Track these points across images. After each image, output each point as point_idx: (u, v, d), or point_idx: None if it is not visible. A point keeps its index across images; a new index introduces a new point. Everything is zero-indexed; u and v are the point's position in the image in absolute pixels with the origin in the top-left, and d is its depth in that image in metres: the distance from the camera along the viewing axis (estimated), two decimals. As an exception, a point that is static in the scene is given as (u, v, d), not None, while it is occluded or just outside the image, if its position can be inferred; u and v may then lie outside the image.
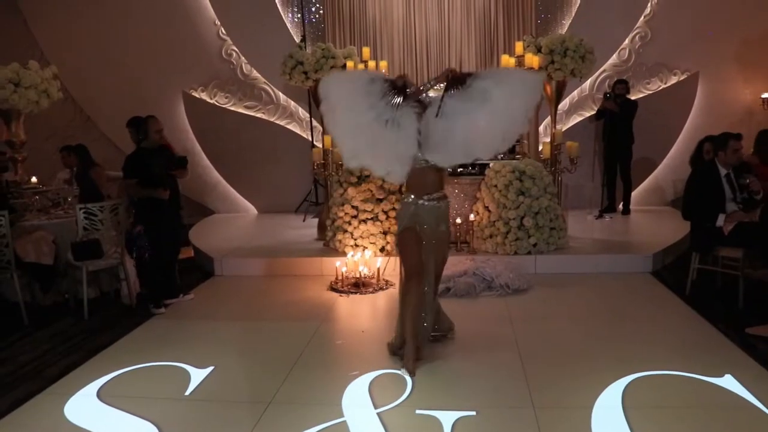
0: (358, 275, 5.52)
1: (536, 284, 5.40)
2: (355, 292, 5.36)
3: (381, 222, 6.08)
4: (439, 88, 3.71)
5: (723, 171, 4.82)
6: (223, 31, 8.88)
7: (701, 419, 3.07)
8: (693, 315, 4.60)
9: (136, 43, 8.72)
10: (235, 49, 8.91)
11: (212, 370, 3.80)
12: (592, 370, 3.63)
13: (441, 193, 3.75)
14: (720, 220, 4.70)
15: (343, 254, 5.95)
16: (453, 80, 3.58)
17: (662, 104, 8.31)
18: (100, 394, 3.53)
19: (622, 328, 4.37)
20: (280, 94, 8.99)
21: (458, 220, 6.13)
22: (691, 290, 5.04)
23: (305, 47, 7.74)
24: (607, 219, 7.76)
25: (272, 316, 4.92)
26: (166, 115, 7.69)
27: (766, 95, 8.22)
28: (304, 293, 5.46)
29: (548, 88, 6.98)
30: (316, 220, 7.35)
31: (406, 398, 3.36)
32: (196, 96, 9.01)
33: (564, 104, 8.48)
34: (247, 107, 9.02)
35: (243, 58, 8.93)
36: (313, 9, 8.90)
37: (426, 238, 3.69)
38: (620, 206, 8.12)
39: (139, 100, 8.12)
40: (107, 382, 3.69)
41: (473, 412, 3.17)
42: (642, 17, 8.42)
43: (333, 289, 5.47)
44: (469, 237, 6.24)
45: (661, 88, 8.51)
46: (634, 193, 8.28)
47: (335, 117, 3.60)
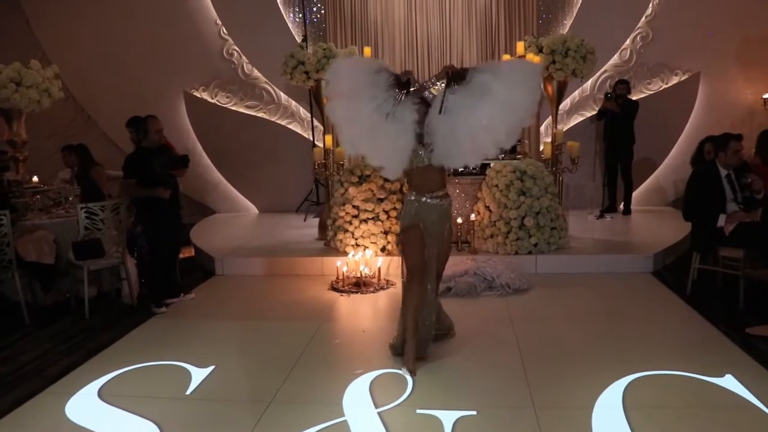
0: (359, 275, 5.52)
1: (537, 284, 5.40)
2: (356, 292, 5.36)
3: (382, 222, 6.09)
4: (440, 86, 3.71)
5: (723, 172, 4.82)
6: (225, 31, 8.89)
7: (702, 419, 3.07)
8: (693, 315, 4.60)
9: (138, 42, 8.73)
10: (237, 48, 8.92)
11: (213, 370, 3.80)
12: (592, 370, 3.63)
13: (443, 192, 3.77)
14: (721, 221, 4.70)
15: (344, 254, 5.95)
16: (453, 76, 3.57)
17: (663, 104, 8.31)
18: (101, 394, 3.53)
19: (623, 328, 4.37)
20: (281, 94, 8.99)
21: (459, 220, 6.13)
22: (692, 290, 5.04)
23: (306, 47, 7.74)
24: (608, 219, 7.76)
25: (273, 316, 4.92)
26: (167, 115, 7.70)
27: (768, 95, 8.24)
28: (304, 293, 5.46)
29: (549, 88, 6.98)
30: (317, 220, 7.35)
31: (407, 398, 3.36)
32: (198, 96, 9.02)
33: (565, 104, 8.48)
34: (248, 107, 9.03)
35: (244, 58, 8.94)
36: (315, 9, 8.90)
37: (428, 236, 3.70)
38: (621, 206, 8.12)
39: (140, 99, 8.13)
40: (108, 381, 3.69)
41: (474, 412, 3.17)
42: (643, 17, 8.42)
43: (334, 289, 5.48)
44: (470, 237, 6.24)
45: (662, 88, 8.51)
46: (634, 194, 8.28)
47: (339, 102, 3.64)
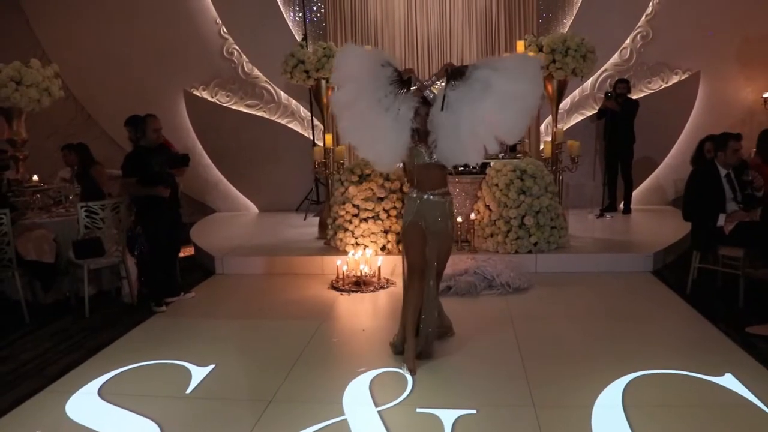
0: (358, 274, 5.52)
1: (537, 283, 5.41)
2: (356, 291, 5.36)
3: (382, 221, 6.08)
4: (440, 85, 3.73)
5: (723, 171, 4.82)
6: (225, 30, 8.88)
7: (701, 418, 3.07)
8: (693, 314, 4.60)
9: (138, 41, 8.73)
10: (237, 47, 8.92)
11: (213, 369, 3.80)
12: (592, 369, 3.63)
13: (444, 189, 3.78)
14: (721, 220, 4.70)
15: (344, 253, 5.95)
16: (452, 73, 3.59)
17: (663, 103, 8.30)
18: (102, 392, 3.53)
19: (623, 327, 4.37)
20: (282, 93, 8.99)
21: (459, 219, 6.13)
22: (692, 289, 5.04)
23: (306, 46, 7.73)
24: (608, 218, 7.76)
25: (273, 315, 4.92)
26: (167, 114, 7.70)
27: (768, 95, 8.24)
28: (305, 292, 5.46)
29: (549, 87, 6.98)
30: (317, 219, 7.36)
31: (407, 396, 3.36)
32: (198, 95, 9.02)
33: (565, 103, 8.48)
34: (248, 106, 9.03)
35: (244, 57, 8.94)
36: (315, 8, 8.90)
37: (430, 234, 3.71)
38: (621, 205, 8.12)
39: (141, 98, 8.13)
40: (108, 380, 3.70)
41: (474, 411, 3.17)
42: (643, 16, 8.42)
43: (334, 288, 5.48)
44: (470, 236, 6.24)
45: (662, 87, 8.51)
46: (635, 193, 8.28)
47: (342, 91, 3.69)
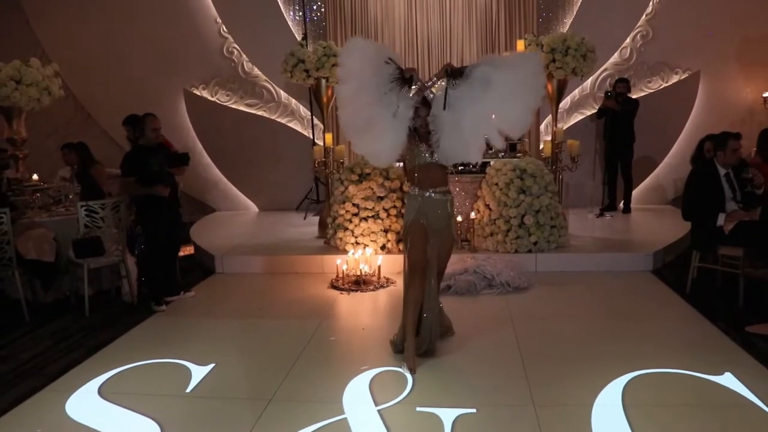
0: (358, 273, 5.52)
1: (537, 282, 5.41)
2: (356, 290, 5.36)
3: (382, 220, 6.09)
4: (441, 84, 3.75)
5: (722, 171, 4.82)
6: (225, 29, 8.88)
7: (701, 417, 3.07)
8: (693, 313, 4.60)
9: (138, 41, 8.73)
10: (237, 47, 8.92)
11: (213, 368, 3.80)
12: (592, 368, 3.63)
13: (446, 188, 3.81)
14: (720, 220, 4.70)
15: (344, 252, 5.96)
16: (452, 73, 3.63)
17: (663, 103, 8.31)
18: (102, 391, 3.53)
19: (623, 326, 4.37)
20: (282, 92, 8.99)
21: (459, 218, 6.12)
22: (692, 289, 5.04)
23: (306, 45, 7.73)
24: (608, 217, 7.76)
25: (273, 314, 4.92)
26: (167, 113, 7.71)
27: (768, 94, 8.24)
28: (305, 291, 5.46)
29: (549, 87, 6.98)
30: (317, 218, 7.36)
31: (407, 395, 3.36)
32: (198, 94, 9.02)
33: (565, 103, 8.48)
34: (248, 105, 9.03)
35: (244, 56, 8.94)
36: (315, 7, 8.90)
37: (431, 231, 3.72)
38: (621, 205, 8.13)
39: (140, 97, 8.14)
40: (108, 379, 3.70)
41: (473, 410, 3.17)
42: (643, 16, 8.42)
43: (334, 287, 5.48)
44: (470, 235, 6.24)
45: (662, 86, 8.51)
46: (634, 192, 8.28)
47: (345, 85, 3.71)
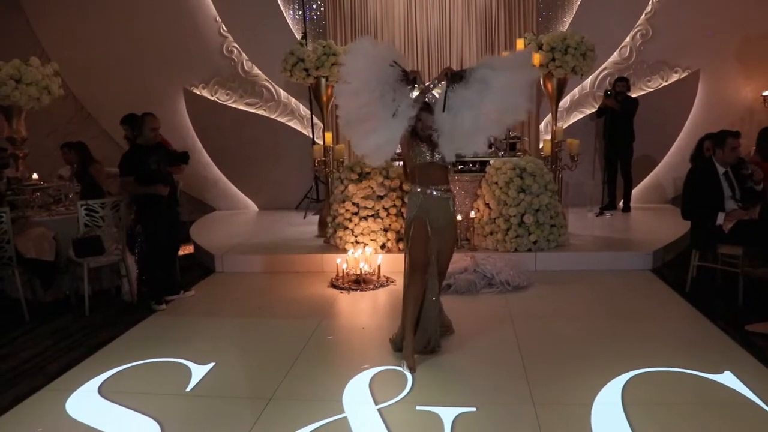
0: (358, 272, 5.52)
1: (536, 281, 5.41)
2: (356, 289, 5.37)
3: (382, 219, 6.09)
4: (441, 86, 3.78)
5: (721, 169, 4.82)
6: (224, 28, 8.88)
7: (701, 416, 3.08)
8: (693, 312, 4.61)
9: (137, 40, 8.72)
10: (236, 46, 8.91)
11: (213, 367, 3.81)
12: (592, 367, 3.63)
13: (447, 187, 3.84)
14: (720, 219, 4.70)
15: (344, 251, 5.96)
16: (452, 76, 3.69)
17: (663, 102, 8.30)
18: (102, 390, 3.54)
19: (622, 325, 4.38)
20: (281, 91, 8.99)
21: (459, 217, 6.12)
22: (691, 287, 5.05)
23: (306, 44, 7.73)
24: (608, 216, 7.76)
25: (273, 313, 4.92)
26: (167, 112, 7.71)
27: (767, 93, 8.22)
28: (304, 290, 5.46)
29: (549, 86, 6.99)
30: (317, 217, 7.36)
31: (407, 394, 3.37)
32: (197, 93, 9.01)
33: (565, 102, 8.48)
34: (248, 104, 9.02)
35: (244, 55, 8.93)
36: (314, 6, 8.89)
37: (433, 229, 3.73)
38: (621, 204, 8.13)
39: (140, 96, 8.13)
40: (108, 378, 3.70)
41: (473, 409, 3.18)
42: (643, 15, 8.41)
43: (334, 286, 5.48)
44: (470, 234, 6.24)
45: (661, 85, 8.51)
46: (634, 191, 8.28)
47: (346, 84, 3.75)
